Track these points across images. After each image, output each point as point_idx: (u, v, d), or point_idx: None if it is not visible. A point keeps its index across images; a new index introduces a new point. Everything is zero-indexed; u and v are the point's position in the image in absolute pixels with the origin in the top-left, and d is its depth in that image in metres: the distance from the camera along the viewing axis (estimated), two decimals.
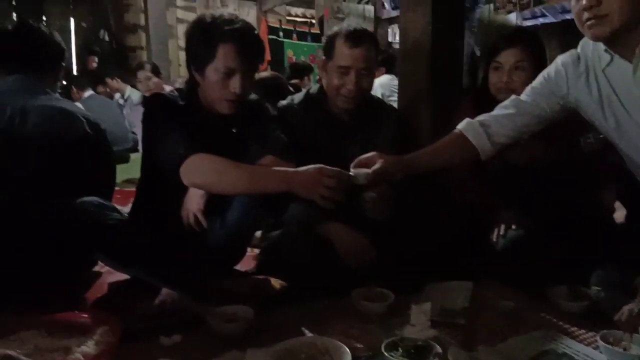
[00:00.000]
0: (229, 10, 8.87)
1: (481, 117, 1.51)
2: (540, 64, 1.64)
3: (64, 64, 1.68)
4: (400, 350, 1.11)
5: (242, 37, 1.44)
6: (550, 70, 1.46)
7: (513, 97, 1.50)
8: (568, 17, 7.94)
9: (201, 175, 1.38)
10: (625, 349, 1.13)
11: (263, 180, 1.36)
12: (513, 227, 1.59)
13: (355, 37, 1.66)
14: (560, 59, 1.44)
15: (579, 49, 1.41)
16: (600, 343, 1.15)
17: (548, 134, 1.53)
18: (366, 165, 1.42)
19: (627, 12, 1.16)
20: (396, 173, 1.46)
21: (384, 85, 4.19)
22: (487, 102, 1.69)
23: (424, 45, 1.90)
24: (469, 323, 1.35)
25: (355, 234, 1.60)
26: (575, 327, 1.32)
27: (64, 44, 1.66)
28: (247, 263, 1.79)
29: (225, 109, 1.50)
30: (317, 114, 1.76)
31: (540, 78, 1.47)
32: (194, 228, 1.50)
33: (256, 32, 1.55)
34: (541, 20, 8.43)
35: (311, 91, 1.82)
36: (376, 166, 1.41)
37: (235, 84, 1.44)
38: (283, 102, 1.85)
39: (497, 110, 1.51)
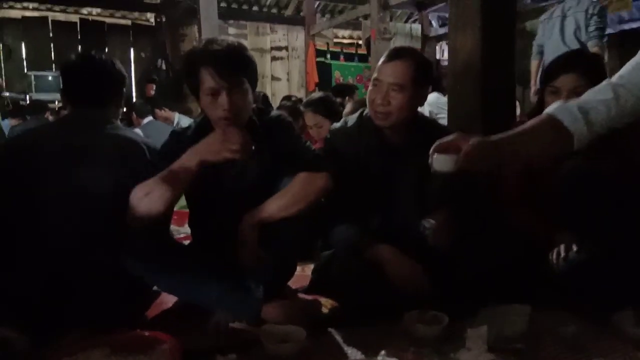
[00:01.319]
0: (278, 36, 9.12)
1: (576, 101, 1.30)
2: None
3: (125, 93, 1.79)
4: None
5: (219, 57, 1.46)
6: None
7: (606, 82, 1.31)
8: (626, 27, 7.64)
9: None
10: None
11: (177, 172, 1.41)
12: (574, 248, 1.52)
13: (392, 52, 1.66)
14: None
15: None
16: None
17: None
18: (447, 150, 1.26)
19: None
20: (486, 158, 1.26)
21: (431, 103, 4.18)
22: None
23: (474, 66, 1.88)
24: (528, 349, 1.30)
25: (405, 259, 1.58)
26: None
27: (125, 72, 1.76)
28: (301, 280, 1.82)
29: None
30: (369, 137, 1.73)
31: (631, 65, 1.29)
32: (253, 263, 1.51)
33: (240, 50, 1.53)
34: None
35: (365, 112, 1.78)
36: (467, 148, 1.22)
37: (222, 102, 1.46)
38: (336, 125, 1.87)
39: (590, 94, 1.30)
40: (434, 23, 8.02)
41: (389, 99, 1.63)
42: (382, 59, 1.69)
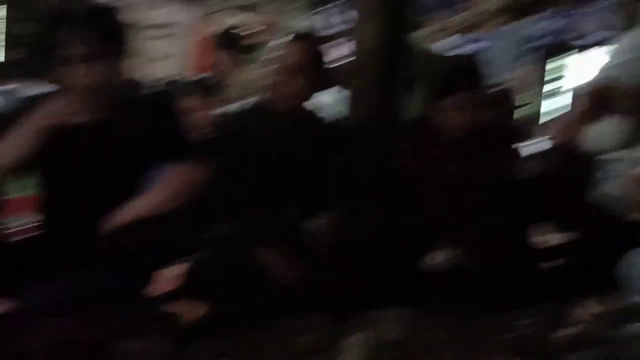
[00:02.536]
0: (160, 13, 8.51)
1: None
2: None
3: None
4: None
5: (81, 18, 1.28)
6: None
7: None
8: None
9: None
10: None
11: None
12: (448, 254, 1.55)
13: (296, 35, 1.60)
14: None
15: None
16: None
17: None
18: None
19: None
20: None
21: (331, 97, 4.15)
22: (439, 134, 1.71)
23: (375, 59, 1.88)
24: (405, 353, 1.29)
25: (291, 260, 1.46)
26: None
27: None
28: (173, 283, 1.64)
29: None
30: (266, 123, 1.62)
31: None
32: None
33: (108, 12, 1.35)
34: (480, 44, 8.89)
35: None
36: None
37: (82, 70, 1.25)
38: (228, 108, 1.74)
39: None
40: (334, 19, 8.09)
41: (291, 81, 1.55)
42: (281, 40, 1.60)
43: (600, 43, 4.18)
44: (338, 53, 2.32)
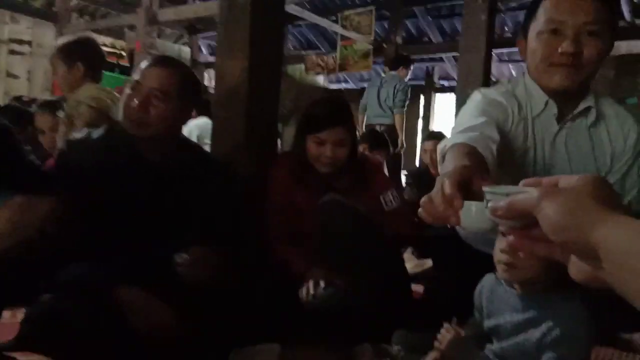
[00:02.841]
0: (20, 28, 7.74)
1: (479, 132, 1.15)
2: (355, 136, 1.80)
3: None
4: None
5: None
6: (490, 104, 1.31)
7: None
8: (366, 85, 9.01)
9: None
10: None
11: None
12: (322, 285, 1.55)
13: (159, 58, 1.49)
14: (493, 91, 1.35)
15: (513, 91, 1.35)
16: None
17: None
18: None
19: (596, 68, 1.22)
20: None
21: (200, 126, 4.03)
22: (306, 169, 1.76)
23: (240, 93, 1.83)
24: None
25: (152, 302, 1.35)
26: None
27: None
28: (8, 330, 1.41)
29: None
30: (119, 152, 1.48)
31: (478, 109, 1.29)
32: None
33: None
34: (344, 85, 9.46)
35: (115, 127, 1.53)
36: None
37: None
38: (76, 135, 1.56)
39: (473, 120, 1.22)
40: (203, 49, 8.01)
41: (150, 107, 1.41)
42: (145, 63, 1.47)
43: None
44: (207, 84, 2.25)
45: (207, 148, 2.04)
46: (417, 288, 1.96)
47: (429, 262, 2.36)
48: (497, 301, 1.10)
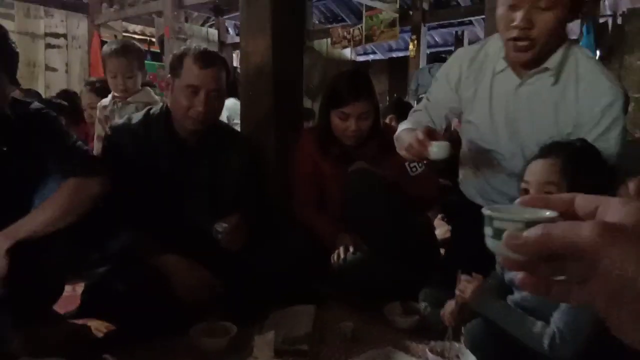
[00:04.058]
0: (54, 21, 7.94)
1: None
2: (378, 108, 1.86)
3: None
4: None
5: None
6: (442, 77, 1.61)
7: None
8: (394, 55, 8.85)
9: None
10: (450, 358, 1.23)
11: None
12: (351, 249, 1.64)
13: (206, 58, 1.57)
14: (457, 56, 1.59)
15: (484, 45, 1.54)
16: (429, 355, 1.24)
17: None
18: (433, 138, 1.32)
19: (549, 41, 1.29)
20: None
21: (230, 108, 4.13)
22: (330, 141, 1.83)
23: (265, 70, 1.90)
24: (312, 348, 1.34)
25: (194, 267, 1.48)
26: (408, 341, 1.40)
27: None
28: (71, 302, 1.56)
29: None
30: (160, 136, 1.60)
31: (435, 91, 1.63)
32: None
33: None
34: (372, 56, 9.35)
35: (152, 111, 1.65)
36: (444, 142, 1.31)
37: None
38: (118, 121, 1.68)
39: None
40: (230, 30, 8.07)
41: (211, 105, 1.57)
42: (192, 61, 1.55)
43: None
44: (235, 64, 2.31)
45: (237, 128, 2.15)
46: None
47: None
48: None
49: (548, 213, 0.41)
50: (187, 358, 1.24)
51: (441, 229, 2.38)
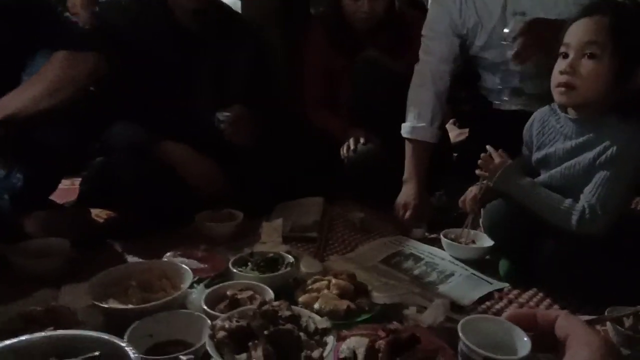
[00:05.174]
0: None
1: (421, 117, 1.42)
2: None
3: None
4: (250, 265, 1.01)
5: None
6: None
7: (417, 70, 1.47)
8: None
9: None
10: (467, 243, 1.19)
11: None
12: (362, 141, 1.56)
13: None
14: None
15: None
16: (443, 239, 1.19)
17: None
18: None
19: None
20: None
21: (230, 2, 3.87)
22: (342, 29, 1.68)
23: None
24: (321, 236, 1.30)
25: (198, 157, 1.40)
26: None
27: None
28: (70, 194, 1.52)
29: None
30: (155, 17, 1.44)
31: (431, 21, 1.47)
32: None
33: None
34: None
35: None
36: None
37: None
38: None
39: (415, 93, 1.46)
40: None
41: None
42: None
43: None
44: None
45: None
46: None
47: None
48: (549, 131, 1.06)
49: (524, 340, 0.50)
50: (193, 243, 1.19)
51: (453, 133, 2.30)
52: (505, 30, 1.27)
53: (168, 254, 1.07)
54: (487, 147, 1.10)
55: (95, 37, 1.31)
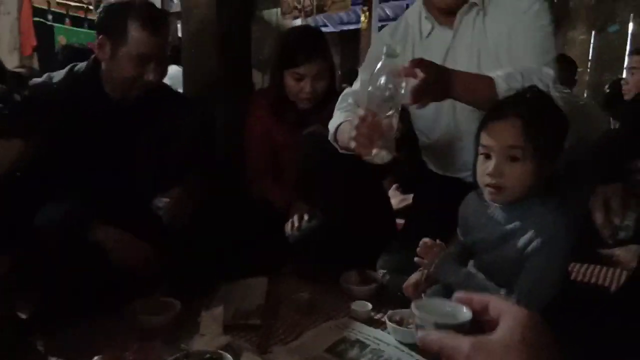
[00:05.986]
0: None
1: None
2: (334, 68, 1.74)
3: None
4: None
5: None
6: (370, 58, 1.49)
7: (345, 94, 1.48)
8: (345, 28, 8.74)
9: None
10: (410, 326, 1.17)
11: None
12: (305, 217, 1.55)
13: (155, 19, 1.40)
14: (380, 33, 1.52)
15: (403, 17, 1.48)
16: (388, 323, 1.17)
17: None
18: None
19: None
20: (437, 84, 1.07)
21: (172, 77, 3.90)
22: (284, 104, 1.72)
23: (209, 23, 1.74)
24: (265, 322, 1.25)
25: (132, 241, 1.34)
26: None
27: None
28: None
29: None
30: (88, 96, 1.42)
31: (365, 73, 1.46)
32: None
33: None
34: (323, 29, 9.18)
35: (76, 69, 1.47)
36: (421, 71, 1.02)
37: None
38: (37, 80, 1.48)
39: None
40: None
41: (160, 71, 1.44)
42: (140, 25, 1.37)
43: None
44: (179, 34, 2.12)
45: None
46: (402, 222, 1.96)
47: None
48: (480, 216, 1.09)
49: (465, 311, 0.55)
50: (126, 337, 1.11)
51: (396, 199, 2.34)
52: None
53: (95, 358, 0.99)
54: (422, 240, 1.11)
55: (19, 123, 1.26)
